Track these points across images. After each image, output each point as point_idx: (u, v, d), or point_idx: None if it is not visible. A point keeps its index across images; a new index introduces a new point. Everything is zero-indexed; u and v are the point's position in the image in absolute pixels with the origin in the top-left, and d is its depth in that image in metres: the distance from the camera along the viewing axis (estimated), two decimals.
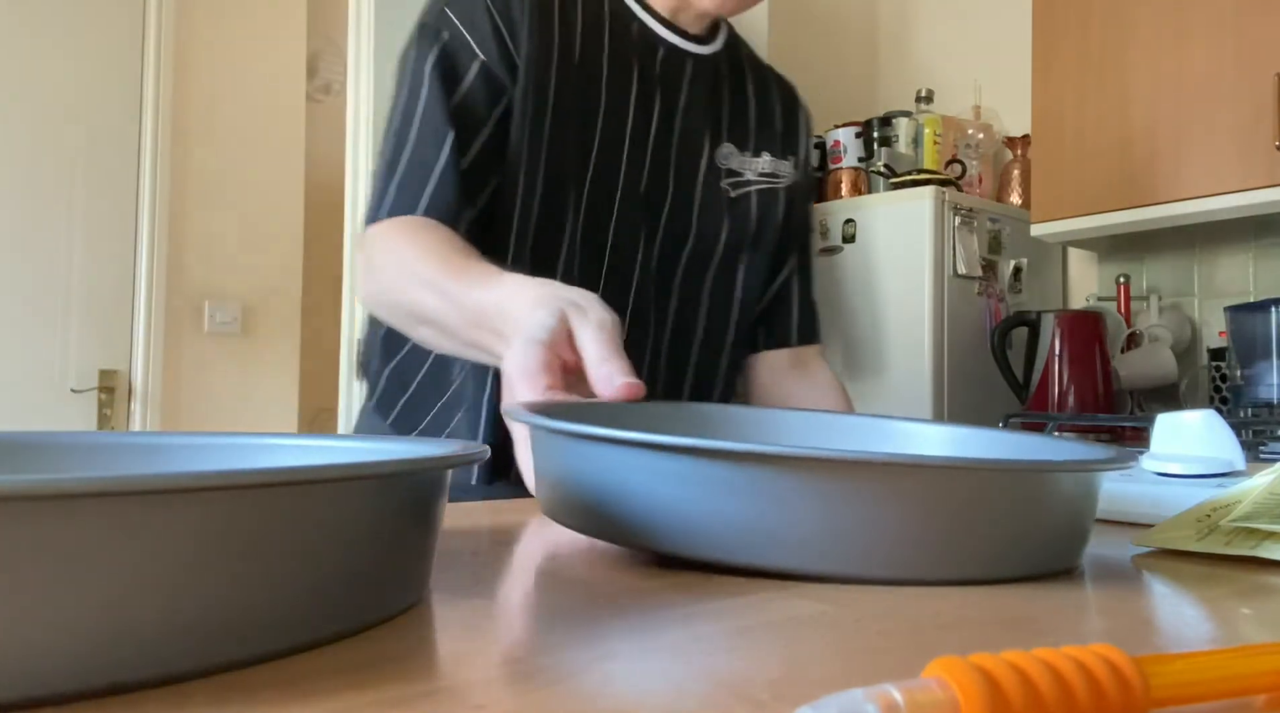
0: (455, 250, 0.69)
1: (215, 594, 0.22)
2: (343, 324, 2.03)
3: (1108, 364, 2.02)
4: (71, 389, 2.56)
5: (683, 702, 0.21)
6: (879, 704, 0.17)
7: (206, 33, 2.81)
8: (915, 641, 0.27)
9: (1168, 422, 0.62)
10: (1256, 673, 0.21)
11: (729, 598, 0.32)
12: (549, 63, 0.80)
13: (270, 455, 0.39)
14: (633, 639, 0.26)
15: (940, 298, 2.12)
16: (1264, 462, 1.25)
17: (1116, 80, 1.99)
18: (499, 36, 0.78)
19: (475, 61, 0.78)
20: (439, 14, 0.80)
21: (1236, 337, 1.81)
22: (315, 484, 0.23)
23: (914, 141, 2.33)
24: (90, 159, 2.61)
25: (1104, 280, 2.38)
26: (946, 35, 2.74)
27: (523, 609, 0.30)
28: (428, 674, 0.23)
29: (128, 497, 0.20)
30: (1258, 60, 1.79)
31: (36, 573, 0.19)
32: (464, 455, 0.29)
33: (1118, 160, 1.98)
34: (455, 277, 0.64)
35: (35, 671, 0.19)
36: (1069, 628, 0.29)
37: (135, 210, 2.67)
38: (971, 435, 0.53)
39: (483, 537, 0.45)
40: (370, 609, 0.27)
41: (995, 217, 2.26)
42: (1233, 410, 1.81)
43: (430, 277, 0.66)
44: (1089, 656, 0.19)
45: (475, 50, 0.78)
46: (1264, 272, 2.14)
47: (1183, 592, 0.36)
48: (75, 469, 0.38)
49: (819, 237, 2.36)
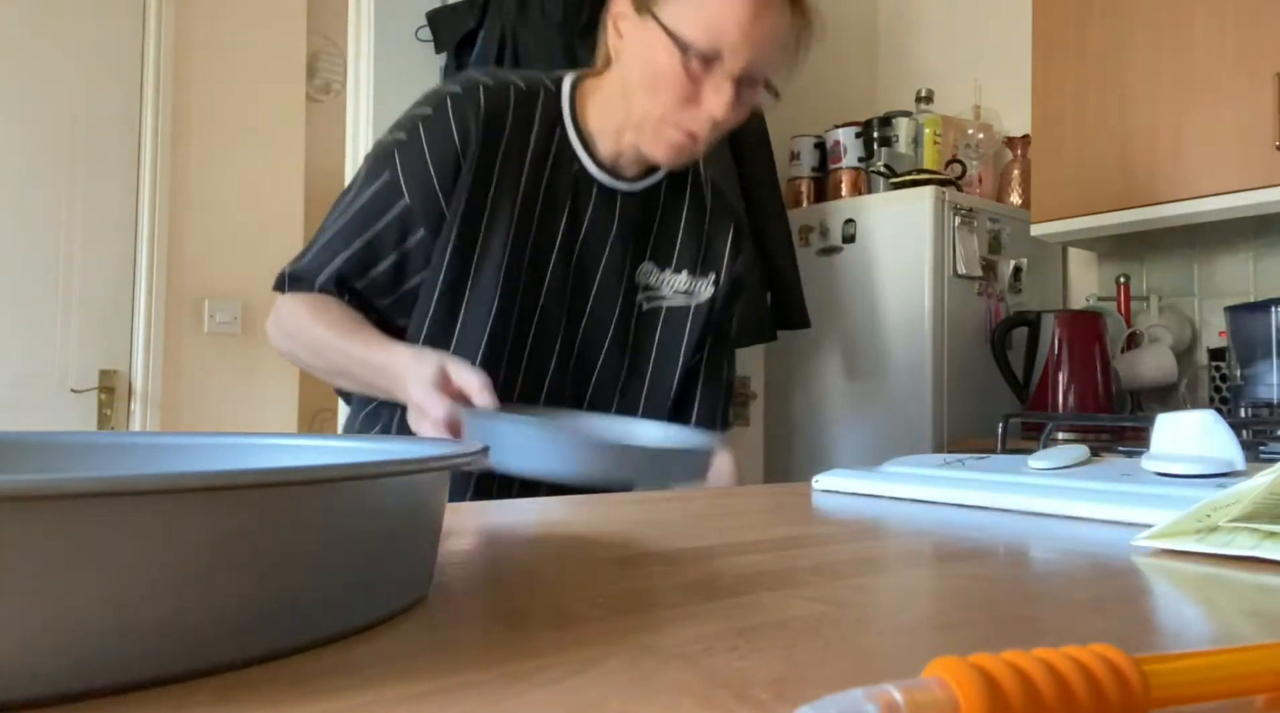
0: (352, 319, 0.93)
1: (216, 594, 0.21)
2: None
3: (1108, 364, 2.02)
4: (71, 389, 2.56)
5: (683, 702, 0.21)
6: (879, 704, 0.17)
7: (206, 33, 2.81)
8: (915, 641, 0.27)
9: (1168, 422, 0.62)
10: (1256, 673, 0.21)
11: (729, 598, 0.32)
12: (486, 192, 0.95)
13: (270, 455, 0.39)
14: (633, 639, 0.26)
15: (940, 298, 2.12)
16: (1264, 462, 1.24)
17: (1116, 80, 1.99)
18: (428, 187, 0.93)
19: (399, 203, 0.94)
20: (389, 153, 0.95)
21: (1236, 337, 1.81)
22: (315, 484, 0.23)
23: (914, 141, 2.33)
24: (90, 159, 2.61)
25: (1104, 280, 2.38)
26: (946, 35, 2.74)
27: (522, 609, 0.30)
28: (428, 674, 0.23)
29: (128, 497, 0.20)
30: (1258, 60, 1.79)
31: (37, 573, 0.19)
32: (464, 455, 0.29)
33: (1118, 160, 1.98)
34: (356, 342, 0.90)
35: (36, 670, 0.19)
36: (1069, 628, 0.29)
37: (135, 210, 2.67)
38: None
39: (482, 537, 0.45)
40: (371, 609, 0.27)
41: (995, 217, 2.26)
42: (1233, 410, 1.81)
43: (336, 343, 0.91)
44: (1089, 656, 0.19)
45: (403, 193, 0.93)
46: (1264, 272, 2.14)
47: (1183, 592, 0.36)
48: (75, 469, 0.38)
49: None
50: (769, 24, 0.91)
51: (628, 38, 0.96)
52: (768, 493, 0.72)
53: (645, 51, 0.93)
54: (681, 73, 0.90)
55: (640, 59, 0.94)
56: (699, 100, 0.91)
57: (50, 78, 2.56)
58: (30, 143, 2.53)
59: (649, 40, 0.92)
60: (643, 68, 0.93)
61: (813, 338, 2.31)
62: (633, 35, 0.95)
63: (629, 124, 0.97)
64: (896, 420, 2.14)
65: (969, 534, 0.49)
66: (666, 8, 0.91)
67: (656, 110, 0.93)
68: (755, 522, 0.53)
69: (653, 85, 0.92)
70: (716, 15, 0.89)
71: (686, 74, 0.90)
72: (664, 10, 0.91)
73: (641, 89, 0.94)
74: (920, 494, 0.65)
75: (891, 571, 0.38)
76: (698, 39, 0.89)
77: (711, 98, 0.91)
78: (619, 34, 0.97)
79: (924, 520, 0.55)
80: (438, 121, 0.94)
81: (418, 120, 0.95)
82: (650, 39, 0.92)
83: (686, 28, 0.89)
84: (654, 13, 0.92)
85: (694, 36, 0.89)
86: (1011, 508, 0.59)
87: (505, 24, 1.92)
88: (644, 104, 0.93)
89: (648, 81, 0.93)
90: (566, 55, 1.90)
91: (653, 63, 0.92)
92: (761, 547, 0.43)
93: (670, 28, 0.90)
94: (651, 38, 0.92)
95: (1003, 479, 0.64)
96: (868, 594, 0.33)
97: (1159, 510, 0.50)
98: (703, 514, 0.56)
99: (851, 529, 0.51)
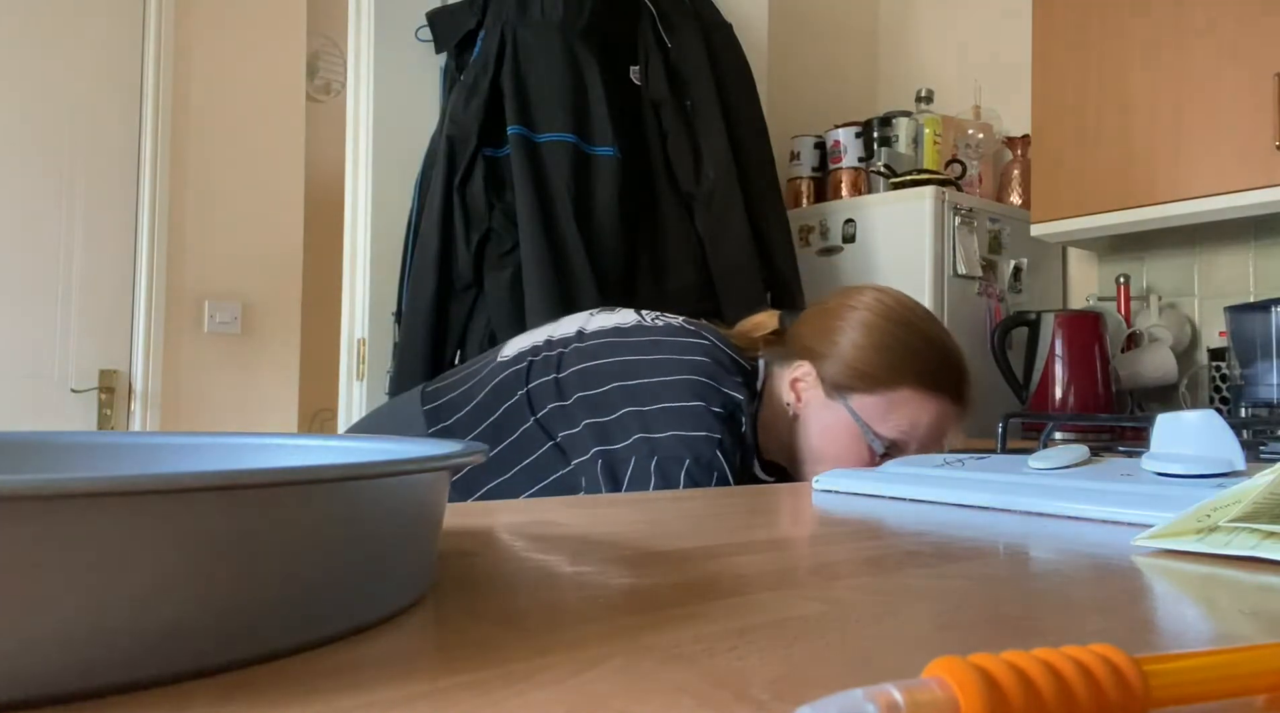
0: None
1: (216, 594, 0.21)
2: (343, 324, 2.03)
3: (1108, 364, 2.02)
4: (71, 389, 2.56)
5: (683, 702, 0.21)
6: (879, 704, 0.17)
7: (206, 33, 2.81)
8: (915, 641, 0.27)
9: (1168, 422, 0.62)
10: (1256, 673, 0.21)
11: (729, 598, 0.32)
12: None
13: (270, 456, 0.39)
14: (632, 639, 0.26)
15: (940, 298, 2.12)
16: (1264, 462, 1.24)
17: (1116, 80, 1.99)
18: None
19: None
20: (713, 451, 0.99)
21: (1236, 337, 1.81)
22: (315, 484, 0.23)
23: (914, 141, 2.33)
24: (90, 159, 2.61)
25: (1104, 280, 2.38)
26: (946, 35, 2.74)
27: (522, 609, 0.30)
28: (428, 674, 0.23)
29: (128, 497, 0.20)
30: (1258, 60, 1.79)
31: (36, 572, 0.19)
32: (463, 455, 0.29)
33: (1118, 160, 1.98)
34: None
35: (35, 670, 0.19)
36: (1069, 628, 0.29)
37: (135, 210, 2.67)
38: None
39: (482, 537, 0.45)
40: (372, 607, 0.27)
41: (995, 217, 2.26)
42: (1233, 410, 1.82)
43: None
44: (1089, 656, 0.19)
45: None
46: (1264, 272, 2.13)
47: (1183, 592, 0.36)
48: (75, 469, 0.38)
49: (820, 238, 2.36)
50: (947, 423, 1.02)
51: (811, 406, 1.03)
52: (768, 493, 0.72)
53: (830, 426, 1.01)
54: (857, 452, 1.00)
55: (820, 426, 1.02)
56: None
57: (50, 78, 2.56)
58: (30, 143, 2.53)
59: (836, 419, 1.01)
60: (820, 436, 1.02)
61: None
62: (817, 407, 1.03)
63: (781, 452, 1.06)
64: None
65: (969, 534, 0.49)
66: (864, 399, 1.00)
67: (813, 465, 1.02)
68: (755, 522, 0.53)
69: (823, 451, 1.01)
70: (909, 423, 0.99)
71: (868, 454, 0.99)
72: (861, 401, 1.00)
73: (814, 446, 1.02)
74: (920, 494, 0.65)
75: (891, 571, 0.38)
76: (888, 436, 0.99)
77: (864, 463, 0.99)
78: (798, 399, 1.04)
79: (924, 520, 0.55)
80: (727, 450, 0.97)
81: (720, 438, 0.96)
82: (837, 418, 1.01)
83: (883, 426, 0.99)
84: (848, 402, 1.00)
85: (886, 433, 0.99)
86: (1011, 508, 0.59)
87: (505, 24, 1.92)
88: (807, 454, 1.03)
89: (821, 446, 1.01)
90: (567, 55, 1.90)
91: (835, 438, 1.01)
92: (761, 547, 0.43)
93: (866, 422, 0.99)
94: (838, 418, 1.00)
95: (1002, 479, 0.64)
96: (868, 594, 0.33)
97: (1159, 511, 0.50)
98: (703, 514, 0.56)
99: (851, 529, 0.51)
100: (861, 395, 0.99)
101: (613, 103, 1.87)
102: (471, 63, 1.94)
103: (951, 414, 1.02)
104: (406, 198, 1.96)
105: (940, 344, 1.04)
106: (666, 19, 2.06)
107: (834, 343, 1.02)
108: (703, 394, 0.93)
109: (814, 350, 1.03)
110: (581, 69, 1.91)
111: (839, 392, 1.00)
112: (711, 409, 0.93)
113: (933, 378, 0.99)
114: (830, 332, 1.03)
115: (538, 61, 1.89)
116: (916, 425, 0.98)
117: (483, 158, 1.87)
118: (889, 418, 0.99)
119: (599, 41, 1.94)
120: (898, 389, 0.99)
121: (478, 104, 1.87)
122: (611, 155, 1.86)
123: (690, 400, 0.93)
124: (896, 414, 0.99)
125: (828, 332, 1.03)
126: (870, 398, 0.99)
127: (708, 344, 0.97)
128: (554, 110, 1.87)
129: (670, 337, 0.98)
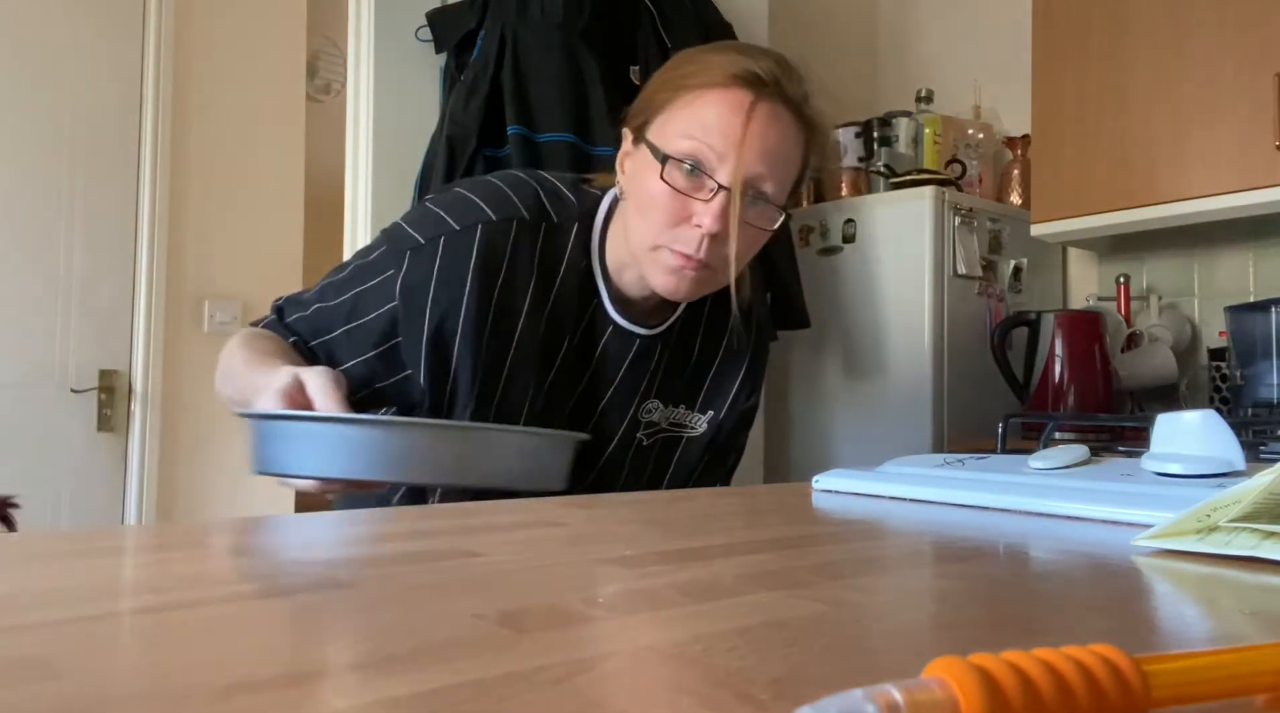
0: (276, 350, 0.88)
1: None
2: None
3: (1108, 364, 2.02)
4: (71, 389, 2.56)
5: (683, 702, 0.21)
6: (879, 704, 0.17)
7: (206, 33, 2.81)
8: (915, 641, 0.27)
9: (1168, 422, 0.62)
10: (1256, 673, 0.21)
11: (729, 598, 0.32)
12: (484, 321, 0.90)
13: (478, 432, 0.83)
14: (632, 639, 0.26)
15: (940, 298, 2.12)
16: (1264, 462, 1.24)
17: (1116, 80, 1.99)
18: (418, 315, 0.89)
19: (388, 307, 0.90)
20: (401, 251, 0.91)
21: (1236, 337, 1.81)
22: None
23: (914, 141, 2.33)
24: (90, 159, 2.61)
25: (1104, 280, 2.38)
26: (946, 35, 2.74)
27: (522, 610, 0.30)
28: (427, 675, 0.23)
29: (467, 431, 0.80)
30: (1258, 60, 1.79)
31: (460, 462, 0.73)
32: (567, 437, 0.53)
33: (1118, 160, 1.98)
34: (256, 367, 0.84)
35: None
36: (1069, 628, 0.29)
37: (135, 210, 2.67)
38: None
39: (481, 537, 0.45)
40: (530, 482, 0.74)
41: (995, 217, 2.26)
42: (1233, 410, 1.82)
43: (242, 367, 0.86)
44: (1089, 656, 0.19)
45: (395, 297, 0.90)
46: (1264, 272, 2.14)
47: (1183, 592, 0.36)
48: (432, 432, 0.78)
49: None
50: (758, 130, 0.86)
51: (629, 172, 0.93)
52: (768, 493, 0.72)
53: (638, 178, 0.90)
54: (667, 190, 0.86)
55: (634, 188, 0.91)
56: (689, 218, 0.87)
57: (50, 78, 2.56)
58: (30, 143, 2.53)
59: (641, 166, 0.90)
60: (636, 196, 0.90)
61: (812, 338, 2.31)
62: (630, 167, 0.93)
63: (630, 258, 0.93)
64: (896, 420, 2.14)
65: (969, 534, 0.49)
66: (652, 128, 0.90)
67: (650, 236, 0.89)
68: (755, 522, 0.53)
69: (643, 209, 0.89)
70: (697, 125, 0.86)
71: (672, 191, 0.86)
72: (651, 131, 0.90)
73: (635, 216, 0.90)
74: (920, 494, 0.65)
75: (891, 571, 0.38)
76: (676, 150, 0.86)
77: (700, 211, 0.86)
78: (623, 172, 0.95)
79: (924, 520, 0.55)
80: (460, 244, 0.90)
81: (441, 236, 0.90)
82: (642, 164, 0.90)
83: (669, 142, 0.87)
84: (645, 138, 0.90)
85: (673, 148, 0.86)
86: (1011, 508, 0.59)
87: (505, 24, 1.92)
88: (639, 232, 0.90)
89: (639, 207, 0.90)
90: (567, 55, 1.90)
91: (643, 187, 0.89)
92: (761, 547, 0.43)
93: (654, 144, 0.88)
94: (643, 163, 0.90)
95: (1003, 479, 0.64)
96: (868, 594, 0.33)
97: (1159, 511, 0.50)
98: (703, 514, 0.56)
99: (851, 529, 0.51)
100: (652, 127, 0.90)
101: (613, 103, 1.87)
102: (471, 63, 1.94)
103: (751, 101, 0.85)
104: (406, 198, 1.96)
105: (717, 47, 0.93)
106: (666, 19, 2.06)
107: (638, 101, 0.95)
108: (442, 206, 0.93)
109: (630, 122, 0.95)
110: (581, 69, 1.91)
111: (639, 137, 0.91)
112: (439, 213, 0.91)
113: (709, 74, 0.87)
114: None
115: (538, 62, 1.89)
116: (705, 125, 0.85)
117: (483, 158, 1.87)
118: (669, 130, 0.88)
119: (599, 42, 1.94)
120: (676, 98, 0.89)
121: (478, 104, 1.87)
122: (612, 155, 1.86)
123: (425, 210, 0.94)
124: (677, 122, 0.88)
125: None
126: (657, 123, 0.90)
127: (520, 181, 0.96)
128: (554, 110, 1.87)
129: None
